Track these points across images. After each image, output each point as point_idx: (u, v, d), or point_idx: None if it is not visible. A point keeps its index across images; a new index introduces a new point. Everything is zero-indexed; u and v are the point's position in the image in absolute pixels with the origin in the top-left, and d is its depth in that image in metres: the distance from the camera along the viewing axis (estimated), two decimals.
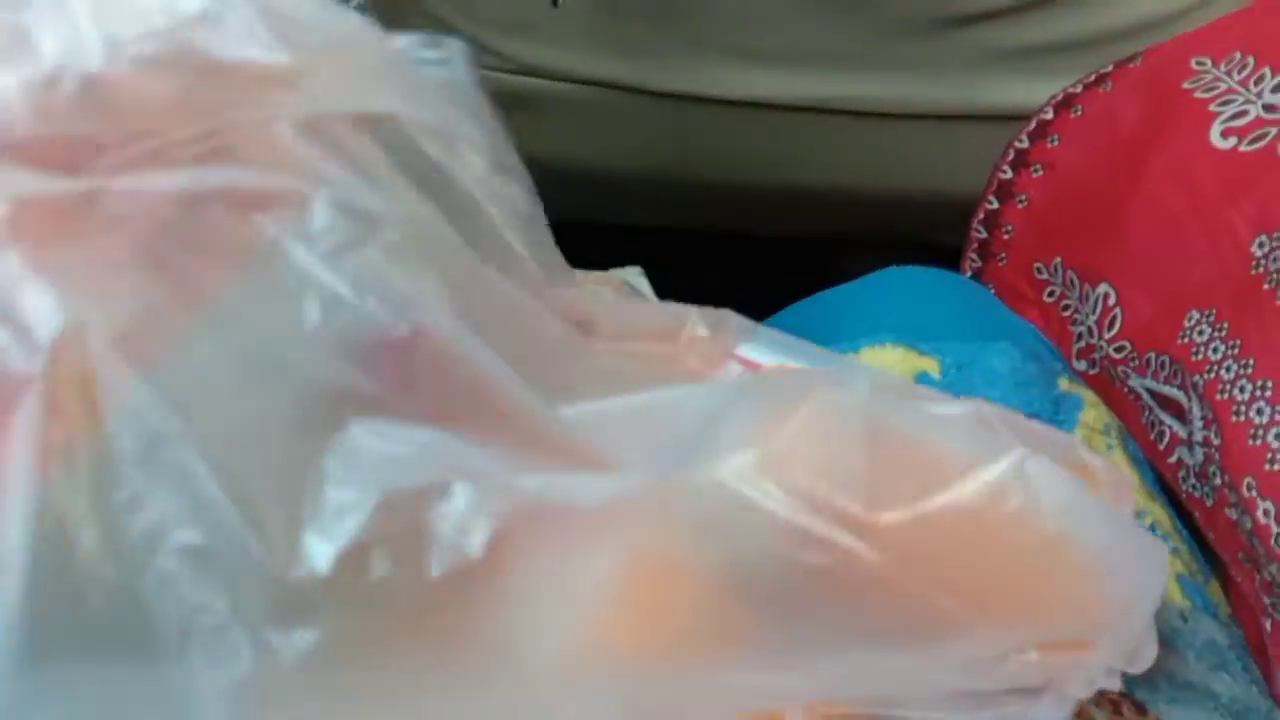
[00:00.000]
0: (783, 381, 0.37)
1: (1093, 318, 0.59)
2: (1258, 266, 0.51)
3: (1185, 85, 0.57)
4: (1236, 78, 0.56)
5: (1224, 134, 0.55)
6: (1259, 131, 0.53)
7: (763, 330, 0.48)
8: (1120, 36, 0.67)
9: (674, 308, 0.48)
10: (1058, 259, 0.62)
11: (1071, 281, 0.61)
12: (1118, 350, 0.57)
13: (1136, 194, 0.58)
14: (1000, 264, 0.65)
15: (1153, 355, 0.55)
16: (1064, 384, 0.52)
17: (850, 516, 0.30)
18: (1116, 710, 0.41)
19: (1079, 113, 0.62)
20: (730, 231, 0.80)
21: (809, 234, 0.79)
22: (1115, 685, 0.37)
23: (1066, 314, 0.61)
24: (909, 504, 0.30)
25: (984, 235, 0.66)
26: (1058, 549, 0.33)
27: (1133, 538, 0.36)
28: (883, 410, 0.32)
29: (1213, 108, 0.56)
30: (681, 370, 0.40)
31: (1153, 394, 0.55)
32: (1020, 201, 0.64)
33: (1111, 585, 0.36)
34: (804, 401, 0.31)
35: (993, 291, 0.64)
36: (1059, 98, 0.63)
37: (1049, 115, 0.63)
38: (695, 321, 0.46)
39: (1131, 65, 0.61)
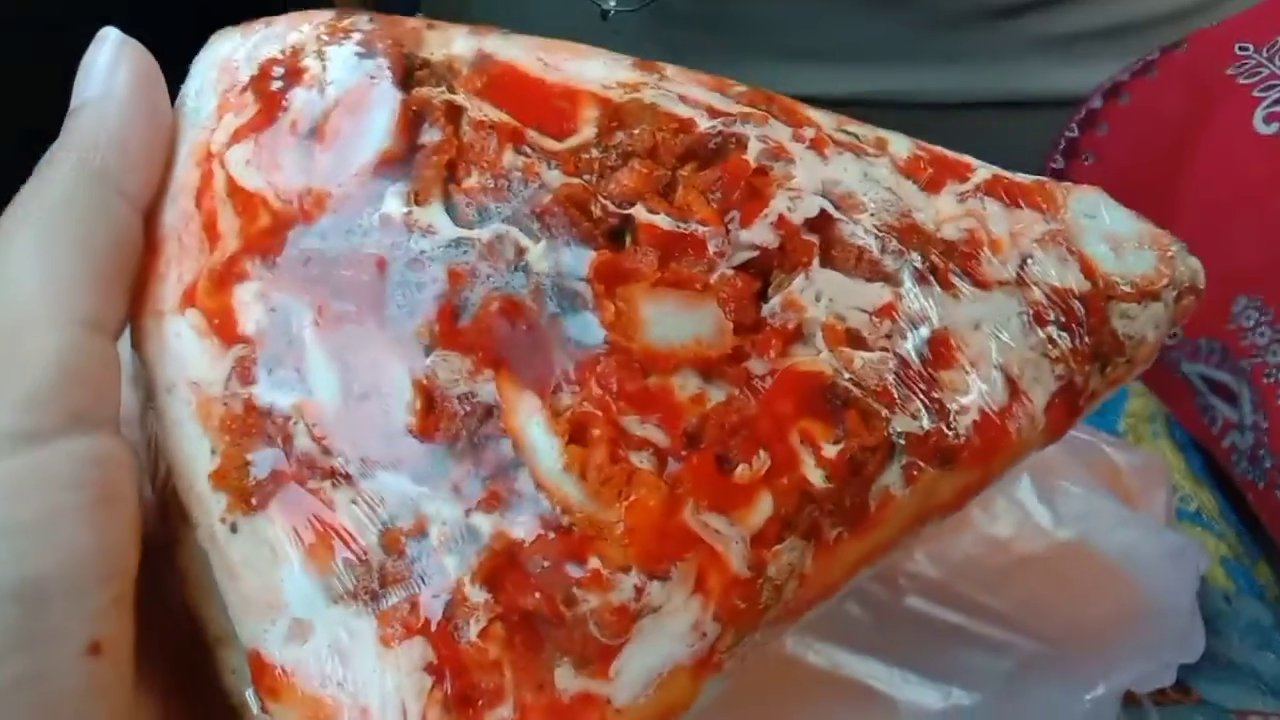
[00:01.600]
0: None
1: None
2: None
3: (1229, 71, 0.58)
4: (1279, 63, 0.56)
5: (1267, 119, 0.55)
6: None
7: None
8: (1166, 21, 0.68)
9: None
10: None
11: None
12: (1170, 336, 0.58)
13: (1183, 180, 0.58)
14: None
15: (1203, 341, 0.56)
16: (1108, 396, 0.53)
17: None
18: (1160, 690, 0.43)
19: (1127, 100, 0.63)
20: None
21: None
22: (1171, 681, 0.39)
23: None
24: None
25: None
26: (1075, 555, 0.35)
27: (1157, 537, 0.38)
28: None
29: (1256, 93, 0.56)
30: None
31: (1204, 379, 0.56)
32: None
33: (1141, 582, 0.38)
34: None
35: None
36: (1107, 86, 0.64)
37: (1097, 104, 0.64)
38: None
39: (1177, 51, 0.62)
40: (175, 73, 0.29)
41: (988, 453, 0.26)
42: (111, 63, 0.26)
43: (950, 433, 0.25)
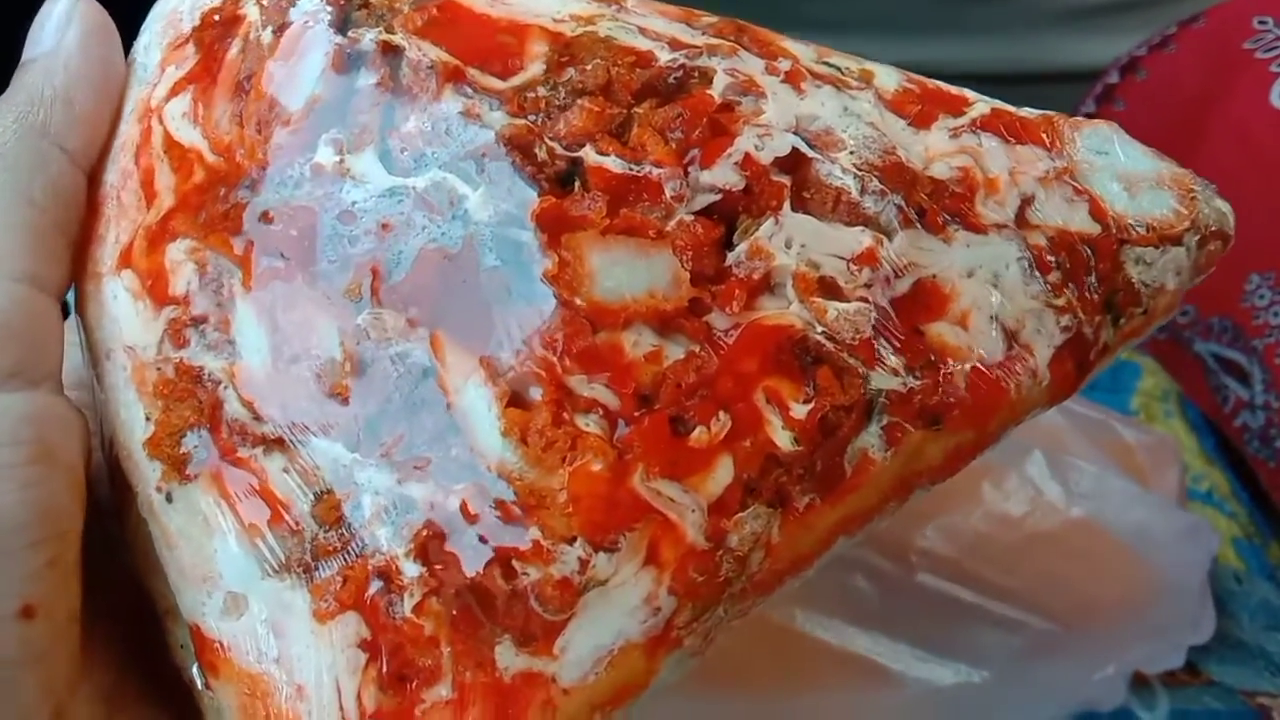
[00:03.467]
0: None
1: None
2: None
3: (1246, 45, 0.57)
4: None
5: None
6: None
7: None
8: None
9: None
10: None
11: None
12: (1183, 314, 0.57)
13: (1199, 155, 0.58)
14: None
15: (1215, 320, 0.56)
16: (1122, 353, 0.53)
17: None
18: (1169, 671, 0.43)
19: (1143, 76, 0.63)
20: None
21: None
22: (1180, 662, 0.38)
23: None
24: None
25: None
26: (1086, 533, 0.35)
27: (1169, 516, 0.38)
28: None
29: (1274, 68, 0.56)
30: None
31: (1217, 358, 0.56)
32: None
33: (1153, 561, 0.38)
34: None
35: None
36: (1124, 60, 0.63)
37: (1114, 79, 0.64)
38: None
39: (1194, 25, 0.61)
40: (135, 30, 0.28)
41: (982, 412, 0.24)
42: (64, 18, 0.26)
43: (938, 390, 0.23)
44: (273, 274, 0.24)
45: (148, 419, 0.24)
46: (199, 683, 0.23)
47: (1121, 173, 0.26)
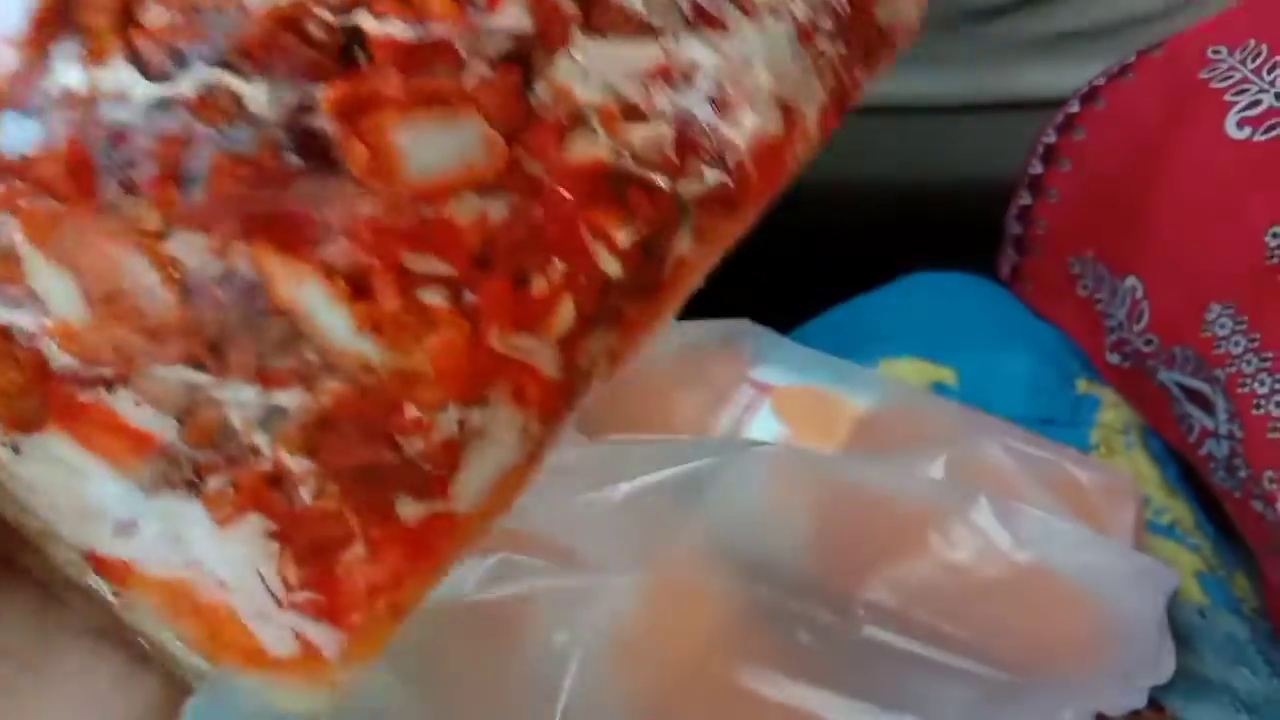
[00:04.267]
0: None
1: (1122, 311, 0.59)
2: (1272, 257, 0.51)
3: (1202, 75, 0.57)
4: (1250, 66, 0.56)
5: (1239, 124, 0.55)
6: (1272, 121, 0.53)
7: (780, 346, 0.50)
8: (1148, 21, 0.67)
9: (689, 330, 0.51)
10: (1089, 253, 0.63)
11: (1102, 275, 0.61)
12: (1146, 344, 0.57)
13: (1158, 185, 0.58)
14: (1036, 259, 0.66)
15: (1178, 349, 0.55)
16: (1082, 386, 0.53)
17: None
18: (1134, 711, 0.42)
19: (1102, 105, 0.63)
20: (767, 226, 0.81)
21: (847, 228, 0.80)
22: (1142, 703, 0.38)
23: (1099, 308, 0.61)
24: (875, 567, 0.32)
25: (1018, 231, 0.67)
26: (1036, 579, 0.35)
27: (1122, 558, 0.38)
28: (847, 471, 0.34)
29: (1228, 98, 0.56)
30: (683, 415, 0.43)
31: (1181, 387, 0.56)
32: (1051, 196, 0.65)
33: (1107, 605, 0.38)
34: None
35: (1030, 287, 0.65)
36: (1084, 90, 0.64)
37: (1075, 108, 0.64)
38: (708, 346, 0.49)
39: (1153, 55, 0.61)
40: None
41: (769, 183, 0.25)
42: None
43: (733, 180, 0.25)
44: (55, 218, 0.22)
45: None
46: (104, 592, 0.23)
47: None
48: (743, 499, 0.36)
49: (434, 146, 0.23)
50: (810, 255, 0.80)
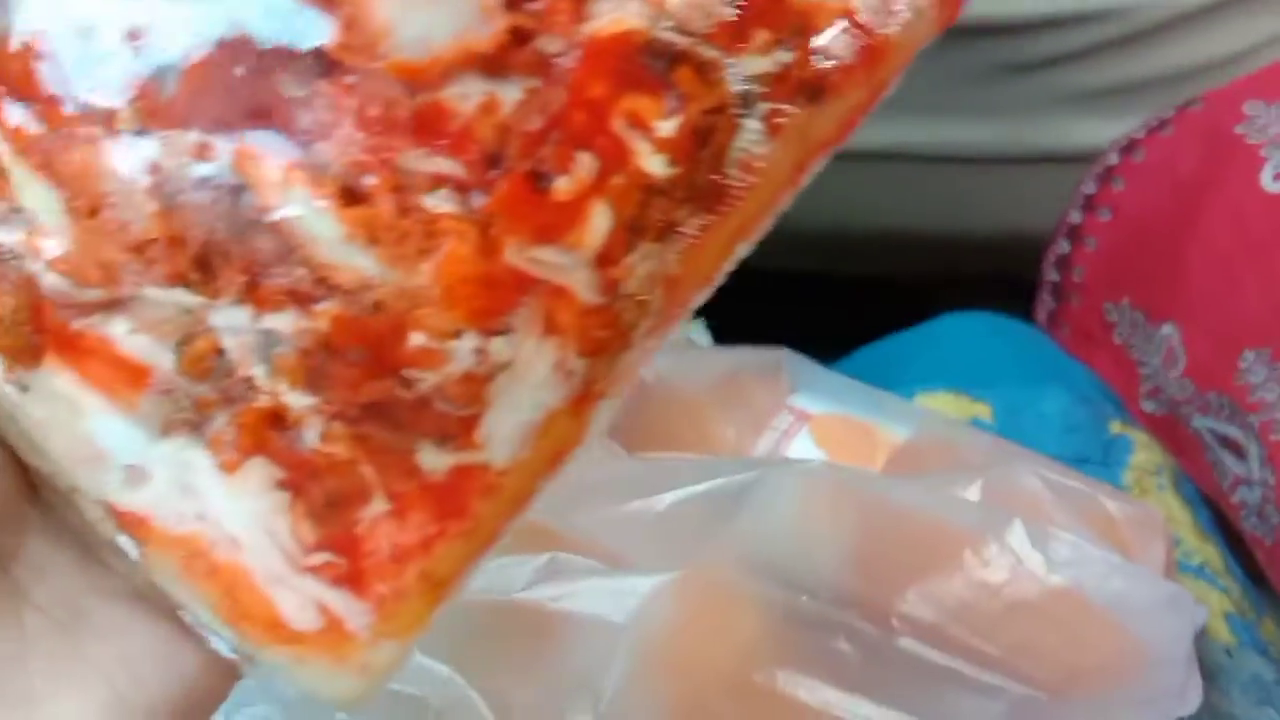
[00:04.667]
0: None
1: (1158, 358, 0.60)
2: None
3: (1238, 130, 0.59)
4: None
5: (1275, 177, 0.56)
6: None
7: (819, 375, 0.51)
8: (1184, 77, 0.68)
9: (729, 356, 0.52)
10: (1125, 300, 0.64)
11: (1138, 322, 0.62)
12: (1181, 390, 0.58)
13: (1194, 236, 0.59)
14: (1073, 305, 0.67)
15: (1213, 395, 0.56)
16: (1116, 427, 0.54)
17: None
18: None
19: (1141, 157, 0.64)
20: (805, 272, 0.82)
21: (884, 276, 0.81)
22: None
23: (1134, 355, 0.62)
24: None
25: (1056, 278, 0.68)
26: (1066, 601, 0.36)
27: (1151, 586, 0.38)
28: (885, 490, 0.35)
29: (1264, 152, 0.57)
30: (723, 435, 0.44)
31: (1214, 434, 0.57)
32: (1089, 244, 0.66)
33: (1134, 630, 0.38)
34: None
35: (1067, 332, 0.66)
36: (1123, 142, 0.65)
37: (1113, 160, 0.65)
38: (748, 371, 0.50)
39: (1191, 109, 0.63)
40: None
41: (868, 68, 0.21)
42: None
43: (816, 58, 0.20)
44: (28, 123, 0.20)
45: None
46: (130, 552, 0.22)
47: None
48: (783, 512, 0.37)
49: (422, 19, 0.20)
50: (850, 301, 0.81)
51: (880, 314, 0.69)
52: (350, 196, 0.20)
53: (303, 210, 0.20)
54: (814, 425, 0.48)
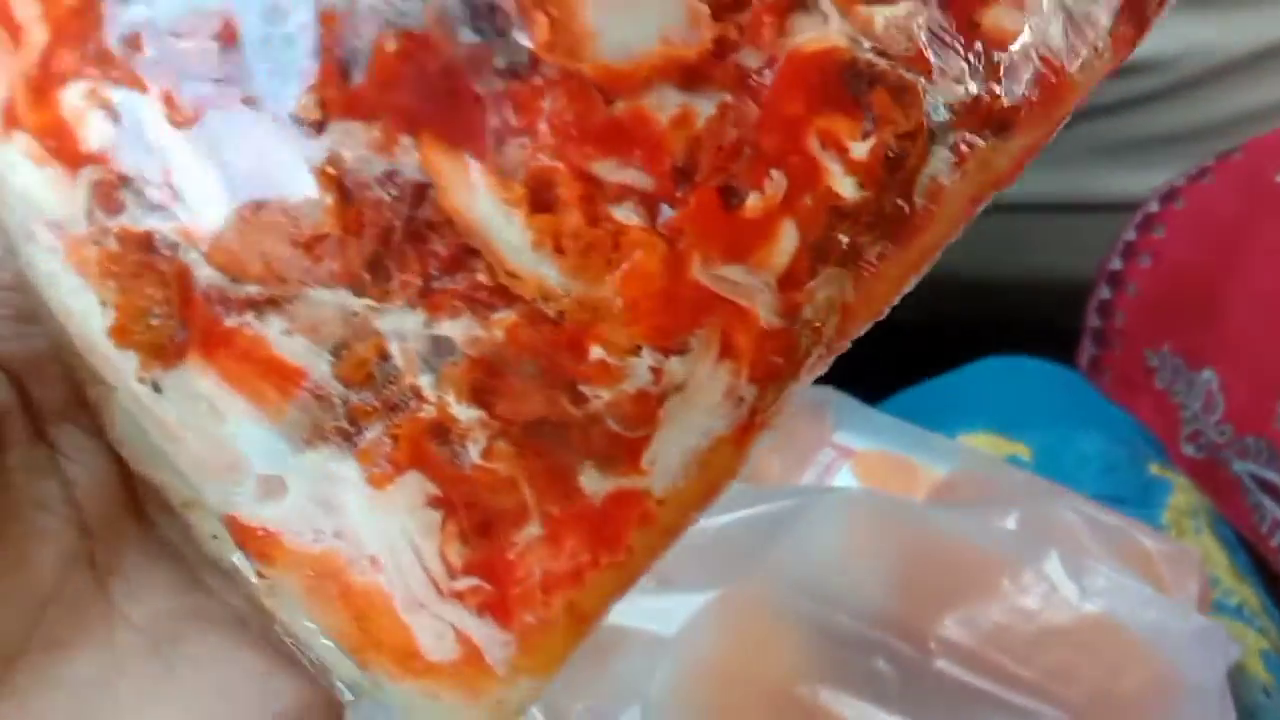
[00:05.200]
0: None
1: (1198, 403, 0.61)
2: None
3: (1278, 179, 0.60)
4: None
5: None
6: None
7: (862, 413, 0.53)
8: (1224, 127, 0.70)
9: None
10: (1166, 346, 0.65)
11: (1179, 367, 0.63)
12: (1220, 434, 0.59)
13: (1235, 282, 0.60)
14: (1115, 351, 0.68)
15: (1251, 440, 0.57)
16: (1154, 469, 0.54)
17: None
18: None
19: (1182, 204, 0.65)
20: None
21: (929, 320, 0.83)
22: None
23: (1175, 400, 0.63)
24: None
25: (1098, 324, 0.69)
26: (1100, 629, 0.37)
27: (1184, 618, 0.39)
28: (925, 517, 0.36)
29: None
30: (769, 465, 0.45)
31: (1254, 478, 0.57)
32: (1130, 290, 0.67)
33: (1167, 660, 0.39)
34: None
35: (1108, 378, 0.67)
36: (1164, 190, 0.66)
37: (1154, 207, 0.66)
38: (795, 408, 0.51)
39: (1231, 158, 0.64)
40: None
41: (1049, 106, 0.21)
42: None
43: (1003, 91, 0.20)
44: (202, 103, 0.19)
45: (104, 304, 0.20)
46: (249, 573, 0.21)
47: None
48: (825, 536, 0.38)
49: (628, 22, 0.19)
50: (895, 344, 0.83)
51: (924, 357, 0.70)
52: (539, 202, 0.19)
53: (490, 213, 0.19)
54: (856, 461, 0.49)
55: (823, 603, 0.36)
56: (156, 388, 0.20)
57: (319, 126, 0.19)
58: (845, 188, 0.20)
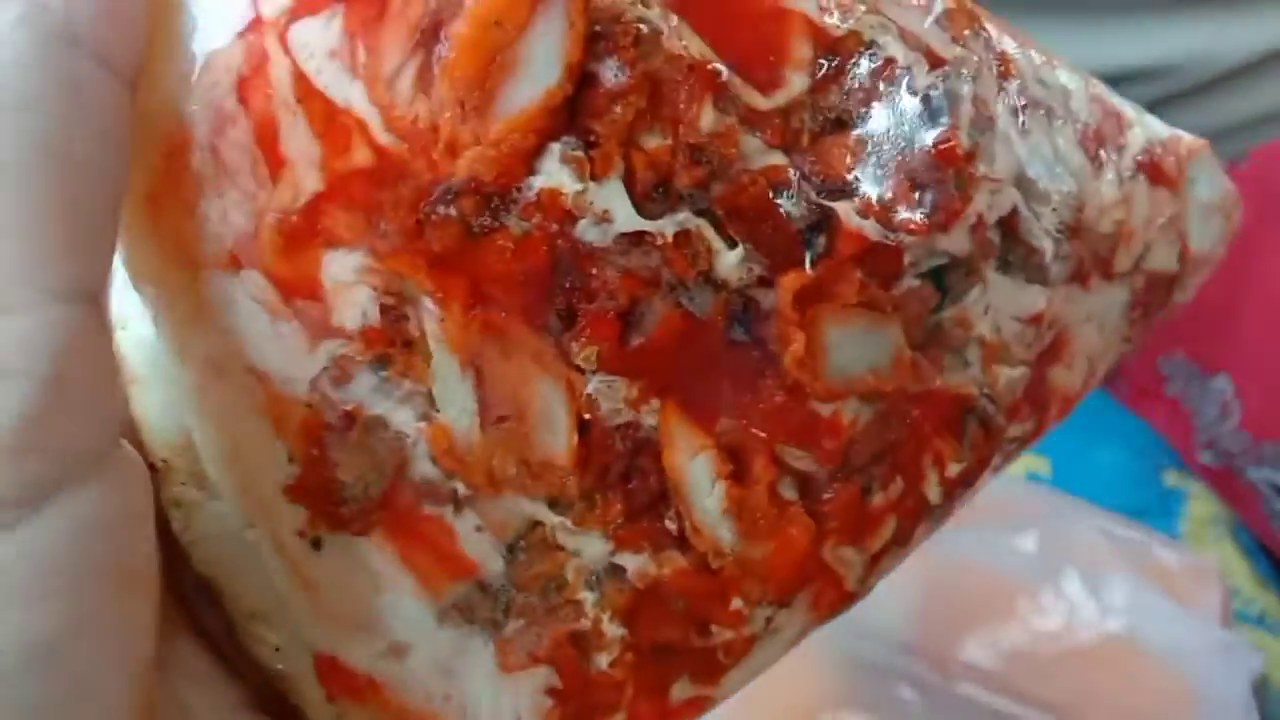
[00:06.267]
0: None
1: (1213, 410, 0.61)
2: None
3: None
4: None
5: None
6: None
7: None
8: (1230, 133, 0.70)
9: None
10: (1179, 353, 0.65)
11: (1192, 374, 0.63)
12: (1236, 442, 0.59)
13: (1248, 287, 0.60)
14: (1128, 359, 0.68)
15: (1268, 446, 0.57)
16: (1171, 479, 0.55)
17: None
18: None
19: None
20: None
21: None
22: None
23: (1189, 407, 0.63)
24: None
25: None
26: (1121, 647, 0.37)
27: (1206, 633, 0.39)
28: (945, 542, 0.36)
29: None
30: None
31: (1271, 484, 0.57)
32: None
33: (1189, 676, 0.39)
34: None
35: (1122, 388, 0.67)
36: None
37: None
38: None
39: (1238, 165, 0.64)
40: None
41: (1049, 425, 0.25)
42: None
43: (1039, 429, 0.24)
44: (487, 324, 0.20)
45: (290, 460, 0.20)
46: (314, 695, 0.21)
47: (1203, 205, 0.26)
48: None
49: (854, 350, 0.21)
50: None
51: None
52: (740, 477, 0.21)
53: (699, 478, 0.21)
54: None
55: (845, 630, 0.36)
56: (316, 545, 0.21)
57: (587, 371, 0.20)
58: (934, 495, 0.23)
